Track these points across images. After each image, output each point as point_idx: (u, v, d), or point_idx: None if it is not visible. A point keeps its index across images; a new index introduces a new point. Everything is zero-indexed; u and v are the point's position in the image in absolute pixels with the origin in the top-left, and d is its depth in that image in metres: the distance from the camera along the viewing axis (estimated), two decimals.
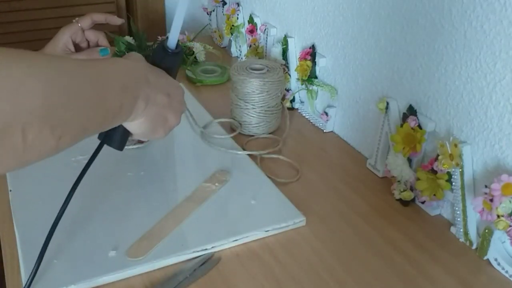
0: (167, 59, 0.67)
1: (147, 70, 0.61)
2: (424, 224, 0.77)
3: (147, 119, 0.61)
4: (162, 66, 0.65)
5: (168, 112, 0.64)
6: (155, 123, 0.63)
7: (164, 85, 0.63)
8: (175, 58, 0.68)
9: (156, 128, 0.64)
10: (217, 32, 1.45)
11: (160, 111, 0.62)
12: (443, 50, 0.75)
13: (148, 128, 0.63)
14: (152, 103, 0.60)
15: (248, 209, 0.77)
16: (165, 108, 0.63)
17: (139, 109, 0.58)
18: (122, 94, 0.54)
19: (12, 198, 0.78)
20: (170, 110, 0.64)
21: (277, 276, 0.67)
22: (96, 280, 0.64)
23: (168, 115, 0.64)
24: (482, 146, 0.72)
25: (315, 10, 1.02)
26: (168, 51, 0.67)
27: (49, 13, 1.60)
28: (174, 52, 0.67)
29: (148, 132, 0.63)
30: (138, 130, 0.62)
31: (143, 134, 0.64)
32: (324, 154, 0.96)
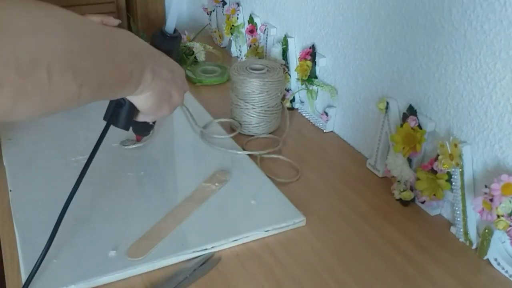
0: (165, 43, 0.70)
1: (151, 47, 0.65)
2: (424, 224, 0.77)
3: (153, 93, 0.63)
4: (161, 50, 0.68)
5: (172, 88, 0.67)
6: (161, 98, 0.66)
7: (167, 62, 0.67)
8: (173, 42, 0.72)
9: (162, 103, 0.67)
10: (217, 32, 1.45)
11: (165, 85, 0.65)
12: (443, 50, 0.75)
13: (155, 103, 0.65)
14: (158, 77, 0.63)
15: (248, 209, 0.77)
16: (170, 83, 0.66)
17: (146, 81, 0.60)
18: (131, 60, 0.57)
19: (12, 198, 0.78)
20: (174, 86, 0.67)
21: (277, 276, 0.67)
22: (96, 280, 0.64)
23: (172, 91, 0.67)
24: (482, 146, 0.72)
25: (315, 10, 1.02)
26: (166, 35, 0.70)
27: None
28: (172, 36, 0.71)
29: (155, 107, 0.66)
30: (145, 105, 0.65)
31: (150, 109, 0.66)
32: (324, 154, 0.96)
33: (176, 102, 0.70)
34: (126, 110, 0.69)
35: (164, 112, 0.69)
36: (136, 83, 0.59)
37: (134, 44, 0.59)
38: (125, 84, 0.56)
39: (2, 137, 0.92)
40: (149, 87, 0.62)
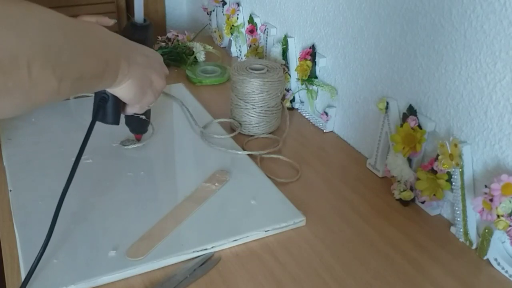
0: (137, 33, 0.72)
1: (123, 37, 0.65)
2: (424, 224, 0.77)
3: (133, 80, 0.64)
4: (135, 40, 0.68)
5: (151, 72, 0.67)
6: (142, 85, 0.66)
7: (140, 48, 0.67)
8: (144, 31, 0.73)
9: (144, 90, 0.67)
10: (217, 32, 1.45)
11: (143, 71, 0.65)
12: (443, 50, 0.75)
13: (137, 91, 0.66)
14: (134, 63, 0.63)
15: (248, 209, 0.77)
16: (147, 68, 0.66)
17: (123, 69, 0.61)
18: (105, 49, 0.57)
19: (12, 198, 0.78)
20: (152, 70, 0.68)
21: (277, 276, 0.67)
22: (96, 280, 0.64)
23: (152, 76, 0.68)
24: (482, 146, 0.72)
25: (315, 10, 1.02)
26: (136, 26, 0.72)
27: None
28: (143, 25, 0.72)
29: (138, 95, 0.67)
30: (129, 95, 0.65)
31: (134, 98, 0.67)
32: (324, 154, 0.96)
33: (159, 86, 0.70)
34: (111, 104, 0.69)
35: (149, 99, 0.69)
36: (114, 72, 0.59)
37: (105, 35, 0.59)
38: (103, 74, 0.57)
39: (2, 137, 0.92)
40: (128, 75, 0.62)
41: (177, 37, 1.33)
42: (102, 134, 0.96)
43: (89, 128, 0.68)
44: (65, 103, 1.06)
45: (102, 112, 0.70)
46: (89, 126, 0.68)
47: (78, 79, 0.51)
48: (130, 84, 0.64)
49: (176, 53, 1.29)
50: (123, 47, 0.62)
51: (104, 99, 0.69)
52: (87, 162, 0.87)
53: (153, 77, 0.68)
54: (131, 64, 0.62)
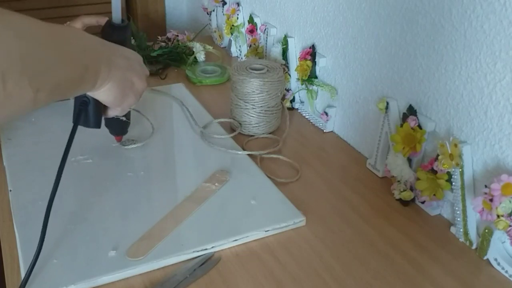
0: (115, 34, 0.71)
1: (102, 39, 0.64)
2: (424, 224, 0.77)
3: (114, 84, 0.63)
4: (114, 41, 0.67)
5: (132, 74, 0.67)
6: (123, 87, 0.65)
7: (121, 50, 0.66)
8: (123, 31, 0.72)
9: (125, 92, 0.67)
10: (217, 32, 1.45)
11: (124, 74, 0.65)
12: (443, 50, 0.75)
13: (118, 94, 0.65)
14: (115, 66, 0.62)
15: (248, 209, 0.77)
16: (128, 70, 0.66)
17: (103, 72, 0.60)
18: (84, 55, 0.56)
19: (12, 198, 0.78)
20: (133, 72, 0.67)
21: (277, 276, 0.67)
22: (96, 280, 0.64)
23: (133, 78, 0.67)
24: (482, 146, 0.72)
25: (315, 10, 1.02)
26: (115, 26, 0.71)
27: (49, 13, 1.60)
28: (121, 26, 0.71)
29: (119, 97, 0.66)
30: (109, 98, 0.65)
31: (115, 100, 0.66)
32: (324, 154, 0.96)
33: (140, 87, 0.69)
34: (92, 107, 0.68)
35: (130, 101, 0.69)
36: (93, 76, 0.59)
37: (84, 39, 0.59)
38: (82, 80, 0.56)
39: (2, 137, 0.92)
40: (108, 78, 0.62)
41: (177, 37, 1.33)
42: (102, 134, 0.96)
43: (71, 133, 0.67)
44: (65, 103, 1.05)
45: (83, 116, 0.69)
46: (71, 131, 0.67)
47: (55, 88, 0.50)
48: (111, 87, 0.63)
49: (176, 53, 1.29)
50: (103, 50, 0.62)
51: (85, 103, 0.68)
52: (87, 162, 0.87)
53: (134, 79, 0.67)
54: (111, 67, 0.62)
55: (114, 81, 0.63)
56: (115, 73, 0.63)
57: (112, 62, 0.62)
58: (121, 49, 0.67)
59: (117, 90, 0.64)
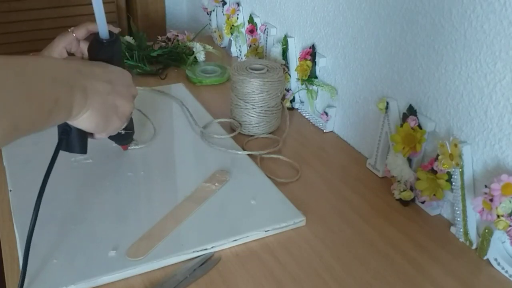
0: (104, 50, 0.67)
1: (79, 64, 0.61)
2: (424, 224, 0.77)
3: (93, 111, 0.60)
4: (101, 58, 0.65)
5: (115, 98, 0.64)
6: (105, 113, 0.63)
7: (101, 73, 0.63)
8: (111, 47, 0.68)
9: (108, 117, 0.64)
10: (217, 32, 1.45)
11: (106, 98, 0.62)
12: (443, 50, 0.75)
13: (100, 120, 0.62)
14: (93, 93, 0.60)
15: (248, 209, 0.77)
16: (110, 95, 0.63)
17: (79, 101, 0.57)
18: (54, 87, 0.53)
19: (12, 198, 0.78)
20: (116, 96, 0.64)
21: (277, 276, 0.67)
22: (96, 280, 0.64)
23: (116, 102, 0.64)
24: (482, 146, 0.72)
25: (315, 10, 1.02)
26: (103, 42, 0.67)
27: (49, 13, 1.60)
28: (110, 41, 0.67)
29: (102, 123, 0.63)
30: (91, 125, 0.62)
31: (97, 127, 0.63)
32: (324, 154, 0.96)
33: (126, 110, 0.66)
34: (75, 135, 0.66)
35: (115, 125, 0.66)
36: (66, 108, 0.55)
37: (54, 69, 0.55)
38: (50, 114, 0.52)
39: None
40: (86, 106, 0.59)
41: (177, 37, 1.33)
42: None
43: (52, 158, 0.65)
44: None
45: (65, 143, 0.67)
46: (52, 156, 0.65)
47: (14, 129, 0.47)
48: (90, 115, 0.60)
49: (176, 53, 1.29)
50: (78, 78, 0.58)
51: (66, 131, 0.66)
52: (87, 162, 0.87)
53: (117, 102, 0.64)
54: (88, 94, 0.59)
55: (94, 108, 0.60)
56: (94, 100, 0.60)
57: (89, 89, 0.59)
58: (101, 72, 0.63)
59: (99, 117, 0.62)
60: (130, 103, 0.67)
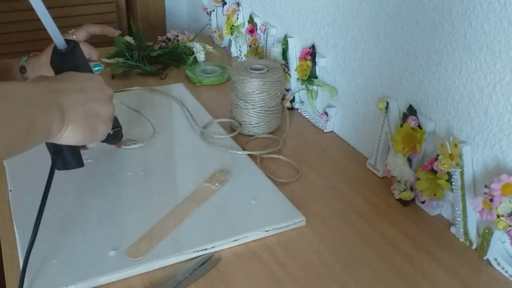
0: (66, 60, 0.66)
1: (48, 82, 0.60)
2: (424, 224, 0.77)
3: (75, 124, 0.60)
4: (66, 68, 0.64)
5: (93, 105, 0.63)
6: (88, 122, 0.62)
7: (71, 85, 0.61)
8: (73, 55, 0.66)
9: (92, 125, 0.63)
10: (217, 32, 1.45)
11: (84, 109, 0.61)
12: (443, 50, 0.75)
13: (85, 131, 0.61)
14: (70, 107, 0.59)
15: (248, 209, 0.77)
16: (87, 103, 0.62)
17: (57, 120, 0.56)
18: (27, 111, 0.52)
19: (12, 198, 0.78)
20: (93, 102, 0.63)
21: (277, 276, 0.67)
22: (96, 280, 0.64)
23: (95, 108, 0.63)
24: (482, 146, 0.72)
25: (315, 10, 1.02)
26: (62, 52, 0.65)
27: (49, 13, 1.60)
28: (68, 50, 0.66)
29: (88, 133, 0.62)
30: (77, 138, 0.61)
31: (85, 138, 0.62)
32: (324, 154, 0.96)
33: (107, 113, 0.65)
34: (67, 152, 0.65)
35: (101, 131, 0.65)
36: (44, 129, 0.55)
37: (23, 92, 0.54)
38: (27, 137, 0.52)
39: None
40: (66, 123, 0.58)
41: (177, 37, 1.33)
42: None
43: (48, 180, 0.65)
44: None
45: (60, 162, 0.66)
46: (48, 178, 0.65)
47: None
48: (73, 129, 0.59)
49: (176, 53, 1.29)
50: (51, 97, 0.57)
51: (58, 151, 0.65)
52: (87, 162, 0.86)
53: (96, 108, 0.63)
54: (65, 110, 0.58)
55: (75, 122, 0.59)
56: (72, 114, 0.59)
57: (64, 105, 0.58)
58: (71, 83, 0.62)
59: (82, 128, 0.61)
60: (109, 105, 0.66)
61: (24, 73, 1.00)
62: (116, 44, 1.28)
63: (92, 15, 1.68)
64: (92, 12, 1.68)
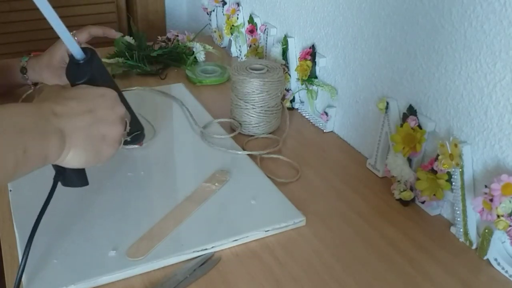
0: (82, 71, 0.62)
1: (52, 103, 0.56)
2: (424, 224, 0.77)
3: (77, 149, 0.56)
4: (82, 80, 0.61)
5: (99, 127, 0.58)
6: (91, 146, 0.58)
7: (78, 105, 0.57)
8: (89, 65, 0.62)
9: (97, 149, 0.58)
10: (217, 32, 1.45)
11: (88, 132, 0.57)
12: (443, 50, 0.75)
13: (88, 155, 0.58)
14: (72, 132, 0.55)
15: (248, 209, 0.77)
16: (93, 126, 0.57)
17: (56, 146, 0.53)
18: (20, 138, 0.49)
19: (12, 198, 0.78)
20: (100, 124, 0.58)
21: (277, 276, 0.67)
22: (96, 280, 0.64)
23: (101, 130, 0.58)
24: (482, 146, 0.72)
25: (315, 10, 1.02)
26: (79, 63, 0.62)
27: None
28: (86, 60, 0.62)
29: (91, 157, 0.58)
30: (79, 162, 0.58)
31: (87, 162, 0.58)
32: (324, 154, 0.96)
33: (115, 135, 0.60)
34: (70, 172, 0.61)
35: (107, 154, 0.60)
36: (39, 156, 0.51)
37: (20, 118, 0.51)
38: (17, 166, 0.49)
39: None
40: (66, 148, 0.55)
41: (177, 37, 1.33)
42: None
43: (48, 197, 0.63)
44: None
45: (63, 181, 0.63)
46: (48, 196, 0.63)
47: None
48: (75, 154, 0.56)
49: (176, 53, 1.29)
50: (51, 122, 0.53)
51: (60, 171, 0.61)
52: None
53: (103, 130, 0.58)
54: (66, 135, 0.54)
55: (77, 147, 0.56)
56: (74, 139, 0.55)
57: (66, 130, 0.54)
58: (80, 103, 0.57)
59: (86, 153, 0.57)
60: (118, 126, 0.61)
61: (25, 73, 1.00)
62: (116, 44, 1.28)
63: (92, 15, 1.68)
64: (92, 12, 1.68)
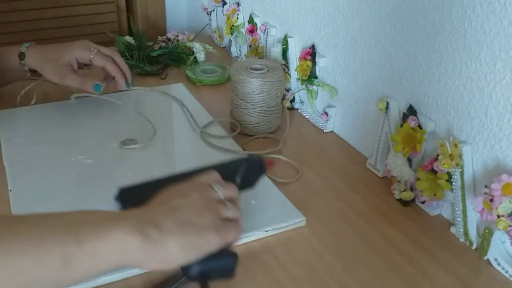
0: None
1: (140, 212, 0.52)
2: (424, 224, 0.77)
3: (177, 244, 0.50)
4: None
5: (194, 237, 0.51)
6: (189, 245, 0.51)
7: (164, 216, 0.51)
8: None
9: (194, 243, 0.51)
10: (217, 32, 1.45)
11: (179, 228, 0.50)
12: (443, 50, 0.75)
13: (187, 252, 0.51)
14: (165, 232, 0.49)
15: (248, 209, 0.77)
16: (185, 225, 0.51)
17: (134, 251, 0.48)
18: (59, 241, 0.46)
19: (12, 198, 0.78)
20: (187, 216, 0.51)
21: (277, 276, 0.67)
22: (96, 280, 0.64)
23: (193, 220, 0.51)
24: (482, 146, 0.72)
25: (315, 10, 1.02)
26: None
27: (49, 13, 1.60)
28: None
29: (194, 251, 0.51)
30: None
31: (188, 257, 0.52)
32: (324, 154, 0.96)
33: (208, 222, 0.52)
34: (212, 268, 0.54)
35: (211, 242, 0.52)
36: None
37: (115, 256, 0.47)
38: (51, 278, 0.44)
39: (2, 136, 0.92)
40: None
41: (177, 37, 1.33)
42: (102, 134, 0.96)
43: None
44: (66, 103, 1.06)
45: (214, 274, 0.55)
46: None
47: None
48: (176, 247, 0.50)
49: (176, 53, 1.29)
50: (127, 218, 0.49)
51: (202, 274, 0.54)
52: (87, 162, 0.87)
53: (194, 220, 0.51)
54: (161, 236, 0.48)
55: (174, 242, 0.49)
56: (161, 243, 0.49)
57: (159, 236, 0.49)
58: (164, 215, 0.52)
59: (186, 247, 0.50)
60: (214, 234, 0.52)
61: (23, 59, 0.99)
62: (116, 44, 1.28)
63: (92, 15, 1.68)
64: (92, 12, 1.68)
